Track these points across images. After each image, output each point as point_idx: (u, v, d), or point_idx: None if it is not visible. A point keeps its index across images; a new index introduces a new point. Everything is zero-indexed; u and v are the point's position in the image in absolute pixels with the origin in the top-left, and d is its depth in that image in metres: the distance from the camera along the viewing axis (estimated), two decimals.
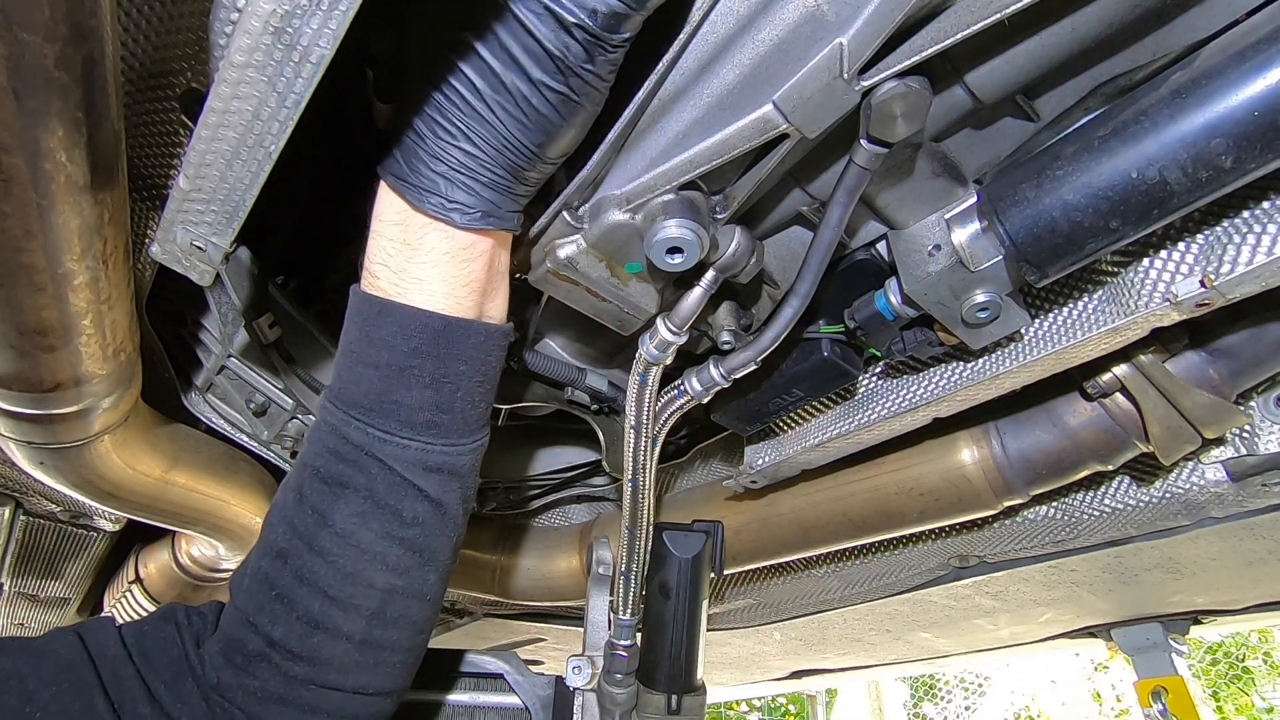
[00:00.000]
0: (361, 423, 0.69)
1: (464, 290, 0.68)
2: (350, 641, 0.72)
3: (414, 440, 0.70)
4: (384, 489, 0.70)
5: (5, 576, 1.57)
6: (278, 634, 0.71)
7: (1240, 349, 0.80)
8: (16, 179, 0.57)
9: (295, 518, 0.71)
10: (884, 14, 0.52)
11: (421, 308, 0.67)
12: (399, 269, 0.66)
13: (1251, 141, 0.53)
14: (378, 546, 0.71)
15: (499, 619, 2.00)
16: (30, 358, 0.76)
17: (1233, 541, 1.11)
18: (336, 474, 0.70)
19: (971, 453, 0.98)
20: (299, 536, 0.71)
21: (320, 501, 0.70)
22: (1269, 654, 6.08)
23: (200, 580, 1.71)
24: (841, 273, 0.88)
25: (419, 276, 0.66)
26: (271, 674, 0.71)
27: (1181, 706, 1.54)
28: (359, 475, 0.70)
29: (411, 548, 0.72)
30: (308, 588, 0.70)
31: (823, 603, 1.59)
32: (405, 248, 0.66)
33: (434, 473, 0.71)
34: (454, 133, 0.60)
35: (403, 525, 0.71)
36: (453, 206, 0.62)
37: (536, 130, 0.60)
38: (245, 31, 0.53)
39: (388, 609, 0.73)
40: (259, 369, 1.15)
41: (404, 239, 0.65)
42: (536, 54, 0.56)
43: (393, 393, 0.68)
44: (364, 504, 0.70)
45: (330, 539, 0.70)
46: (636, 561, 1.01)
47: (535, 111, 0.59)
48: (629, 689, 0.99)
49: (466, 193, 0.62)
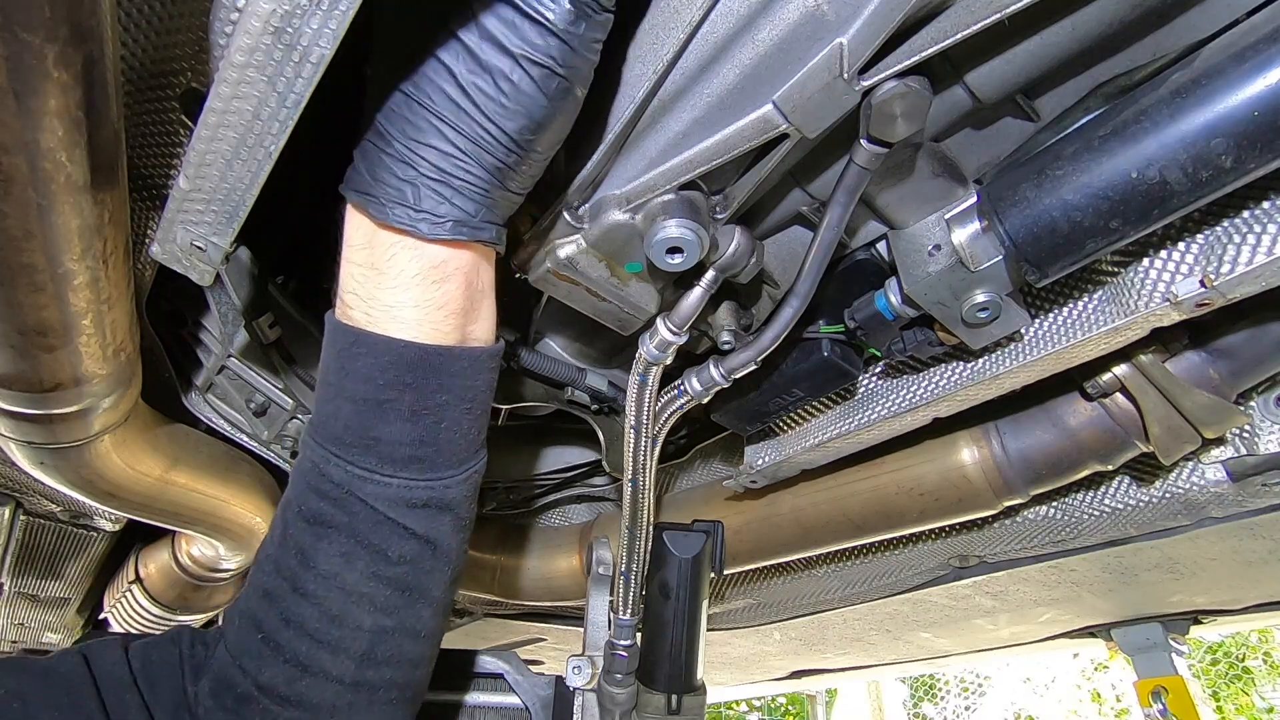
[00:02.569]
0: (340, 459, 0.65)
1: (439, 315, 0.63)
2: (341, 684, 0.69)
3: (395, 478, 0.66)
4: (367, 528, 0.66)
5: (5, 576, 1.57)
6: (265, 678, 0.68)
7: (1240, 349, 0.80)
8: (16, 179, 0.57)
9: (280, 558, 0.69)
10: (884, 14, 0.52)
11: (395, 337, 0.62)
12: (369, 296, 0.62)
13: (1251, 141, 0.53)
14: (363, 587, 0.67)
15: (499, 619, 2.00)
16: (30, 358, 0.76)
17: (1233, 541, 1.11)
18: (318, 513, 0.67)
19: (971, 453, 0.98)
20: (283, 578, 0.68)
21: (303, 541, 0.67)
22: (1269, 654, 6.08)
23: (200, 580, 1.71)
24: (841, 273, 0.88)
25: (389, 303, 0.61)
26: (261, 717, 0.68)
27: (1181, 706, 1.54)
28: (341, 514, 0.66)
29: (399, 587, 0.69)
30: (294, 630, 0.67)
31: (823, 603, 1.59)
32: (374, 272, 0.61)
33: (420, 509, 0.67)
34: (423, 128, 0.54)
35: (388, 564, 0.67)
36: (420, 216, 0.56)
37: (519, 114, 0.53)
38: (245, 31, 0.53)
39: (377, 649, 0.69)
40: (259, 369, 1.15)
41: (371, 263, 0.61)
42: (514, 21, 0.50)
43: (370, 428, 0.64)
44: (347, 543, 0.66)
45: (314, 580, 0.67)
46: (636, 561, 1.00)
47: (516, 90, 0.52)
48: (629, 689, 0.99)
49: (436, 200, 0.56)
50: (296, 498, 0.69)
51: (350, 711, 0.70)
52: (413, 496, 0.67)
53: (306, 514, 0.67)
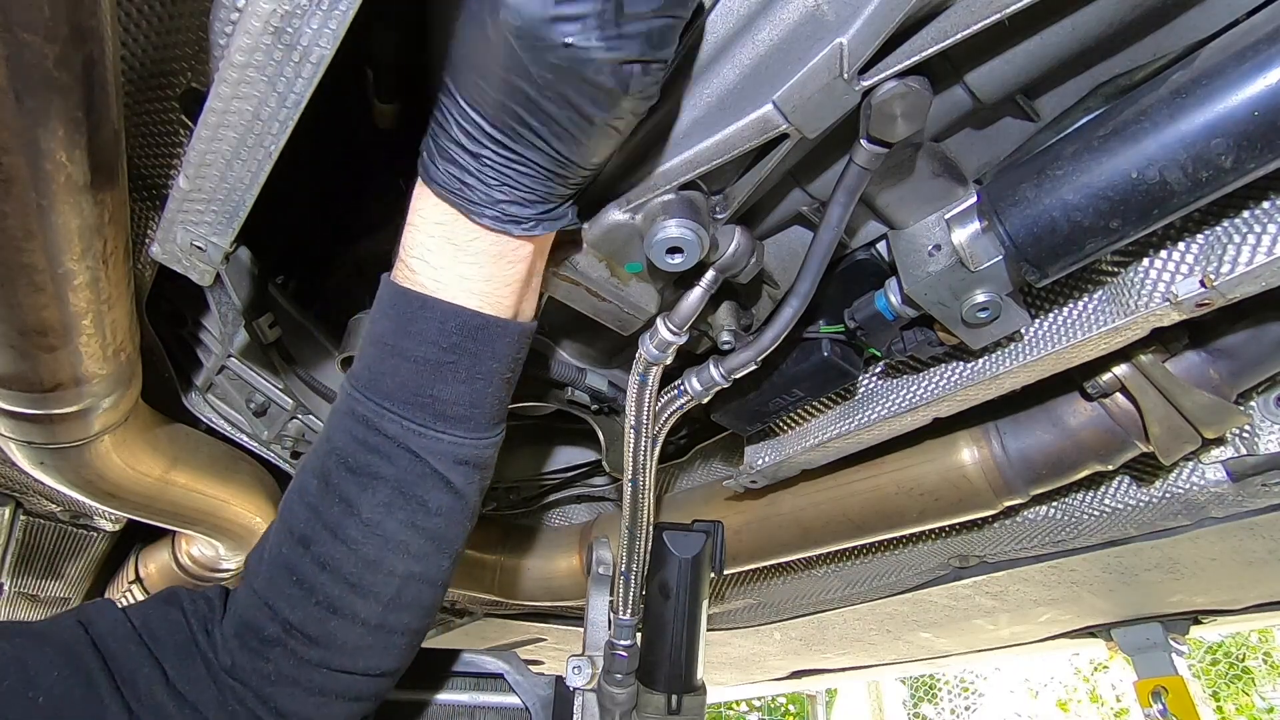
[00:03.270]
0: (397, 415, 0.70)
1: (505, 290, 0.68)
2: (365, 626, 0.73)
3: (448, 434, 0.71)
4: (413, 480, 0.71)
5: (5, 576, 1.57)
6: (295, 618, 0.72)
7: (1240, 349, 0.80)
8: (16, 179, 0.57)
9: (320, 505, 0.72)
10: (884, 14, 0.52)
11: (463, 305, 0.67)
12: (441, 265, 0.66)
13: (1251, 141, 0.53)
14: (401, 535, 0.72)
15: (499, 619, 2.00)
16: (30, 358, 0.76)
17: (1233, 541, 1.11)
18: (365, 464, 0.71)
19: (971, 453, 0.98)
20: (323, 524, 0.72)
21: (348, 491, 0.71)
22: (1269, 654, 6.09)
23: (200, 580, 1.71)
24: (841, 273, 0.88)
25: (463, 275, 0.66)
26: (285, 657, 0.72)
27: (1181, 706, 1.54)
28: (389, 466, 0.71)
29: (432, 536, 0.74)
30: (329, 574, 0.71)
31: (823, 603, 1.59)
32: (450, 246, 0.65)
33: (462, 465, 0.73)
34: (507, 158, 0.59)
35: (427, 515, 0.72)
36: (509, 219, 0.62)
37: (586, 150, 0.59)
38: (245, 31, 0.53)
39: (403, 594, 0.74)
40: (259, 369, 1.14)
41: (449, 238, 0.65)
42: (588, 93, 0.54)
43: (430, 387, 0.69)
44: (391, 494, 0.71)
45: (356, 527, 0.71)
46: (636, 561, 1.00)
47: (588, 137, 0.58)
48: (629, 689, 0.99)
49: (521, 206, 0.62)
50: (340, 449, 0.72)
51: (369, 653, 0.75)
52: (460, 453, 0.72)
53: (352, 465, 0.71)
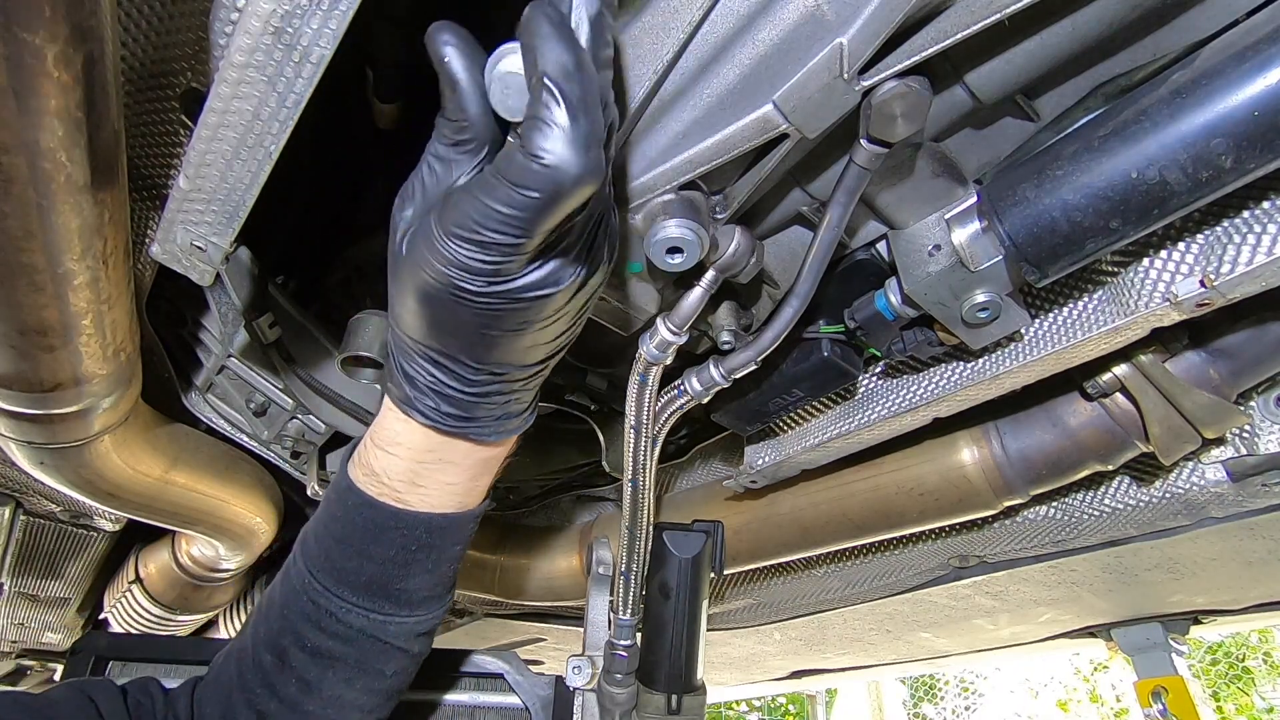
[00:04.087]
0: (362, 610, 0.72)
1: (485, 480, 0.73)
2: None
3: (412, 616, 0.75)
4: (374, 656, 0.75)
5: (5, 576, 1.57)
6: None
7: (1240, 349, 0.80)
8: (16, 179, 0.57)
9: (277, 682, 0.74)
10: (884, 14, 0.52)
11: (436, 512, 0.70)
12: (428, 485, 0.69)
13: (1251, 141, 0.53)
14: (360, 700, 0.76)
15: (499, 619, 2.00)
16: (30, 358, 0.76)
17: (1233, 541, 1.11)
18: (327, 649, 0.73)
19: (971, 453, 0.98)
20: (279, 699, 0.74)
21: (306, 672, 0.74)
22: (1269, 654, 6.09)
23: (200, 580, 1.71)
24: (841, 273, 0.88)
25: (450, 482, 0.70)
26: None
27: (1181, 706, 1.54)
28: (352, 650, 0.73)
29: (387, 694, 0.79)
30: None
31: (823, 603, 1.59)
32: (445, 464, 0.68)
33: (423, 636, 0.78)
34: (486, 386, 0.62)
35: (384, 680, 0.77)
36: (503, 431, 0.67)
37: (551, 348, 0.63)
38: (245, 31, 0.53)
39: None
40: (259, 369, 1.14)
41: (443, 459, 0.68)
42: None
43: (397, 581, 0.72)
44: (352, 671, 0.74)
45: (313, 702, 0.74)
46: (636, 561, 1.00)
47: (548, 343, 0.62)
48: (629, 689, 0.99)
49: (508, 419, 0.66)
50: (299, 631, 0.74)
51: None
52: (421, 628, 0.77)
53: (313, 649, 0.73)
